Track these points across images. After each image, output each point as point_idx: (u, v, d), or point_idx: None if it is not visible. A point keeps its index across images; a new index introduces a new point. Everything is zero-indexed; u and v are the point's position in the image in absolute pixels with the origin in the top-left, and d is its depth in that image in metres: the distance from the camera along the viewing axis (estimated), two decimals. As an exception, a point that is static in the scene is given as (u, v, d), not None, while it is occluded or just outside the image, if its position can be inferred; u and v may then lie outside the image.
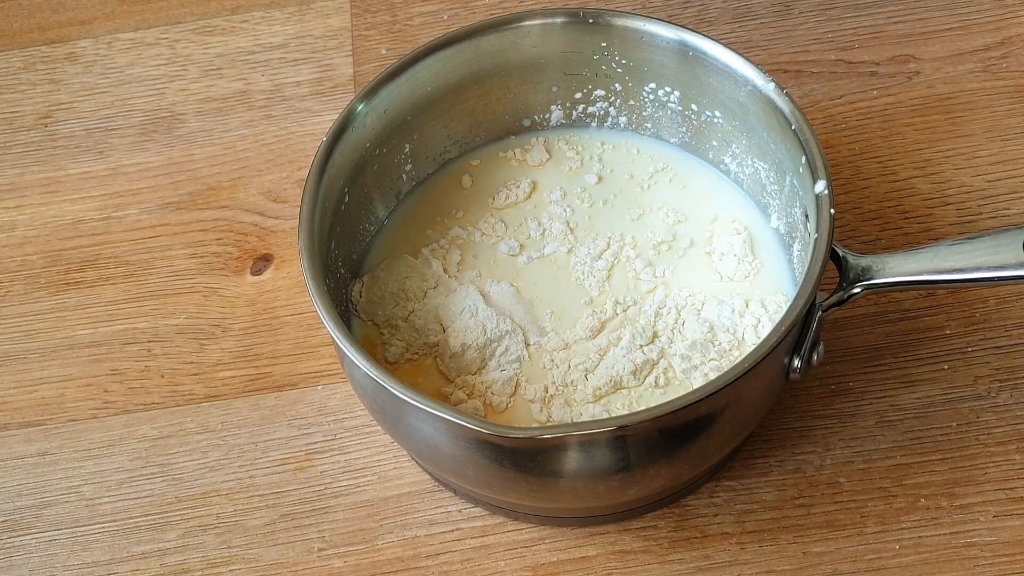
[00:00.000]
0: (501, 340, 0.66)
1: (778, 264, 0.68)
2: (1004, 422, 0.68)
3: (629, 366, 0.64)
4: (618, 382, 0.64)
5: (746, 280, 0.68)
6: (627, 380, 0.64)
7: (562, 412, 0.64)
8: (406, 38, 0.87)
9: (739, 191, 0.71)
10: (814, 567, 0.64)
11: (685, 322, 0.66)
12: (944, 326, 0.71)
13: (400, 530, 0.67)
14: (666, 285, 0.68)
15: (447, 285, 0.69)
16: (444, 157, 0.74)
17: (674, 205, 0.71)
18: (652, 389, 0.65)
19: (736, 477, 0.67)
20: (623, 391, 0.65)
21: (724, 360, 0.65)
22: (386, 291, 0.68)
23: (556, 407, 0.64)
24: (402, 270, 0.69)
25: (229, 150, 0.83)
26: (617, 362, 0.65)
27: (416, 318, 0.67)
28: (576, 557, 0.66)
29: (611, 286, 0.68)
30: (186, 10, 0.91)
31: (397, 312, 0.68)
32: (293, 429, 0.71)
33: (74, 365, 0.75)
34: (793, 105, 0.65)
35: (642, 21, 0.69)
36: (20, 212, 0.82)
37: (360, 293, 0.69)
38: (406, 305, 0.68)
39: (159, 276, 0.78)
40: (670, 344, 0.66)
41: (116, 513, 0.69)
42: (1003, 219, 0.75)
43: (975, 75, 0.81)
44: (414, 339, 0.67)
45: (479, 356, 0.66)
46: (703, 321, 0.66)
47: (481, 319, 0.66)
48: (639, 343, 0.65)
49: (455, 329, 0.66)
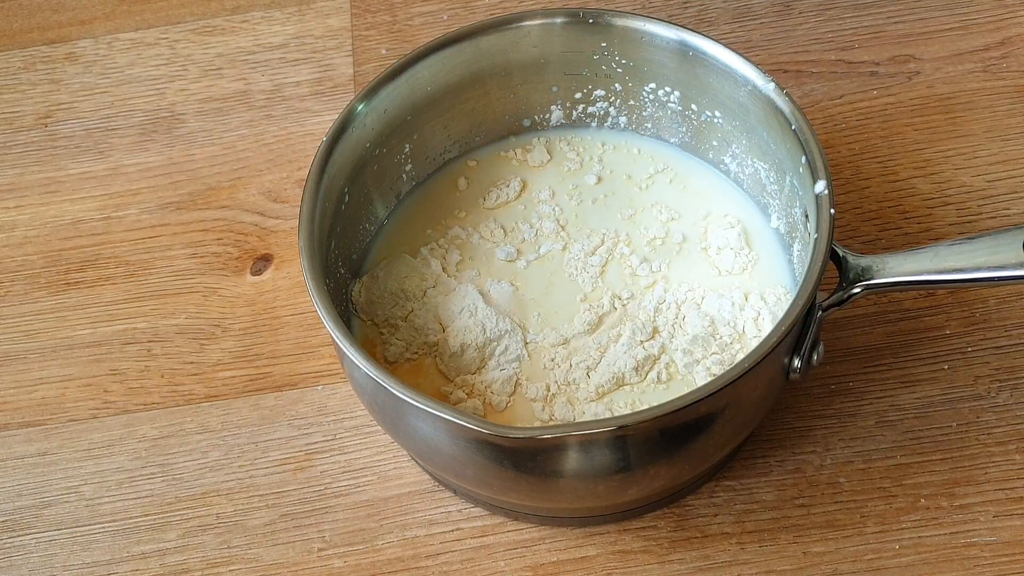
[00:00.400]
0: (501, 339, 0.66)
1: (778, 264, 0.68)
2: (1004, 422, 0.68)
3: (631, 362, 0.65)
4: (620, 379, 0.64)
5: (744, 273, 0.68)
6: (629, 376, 0.64)
7: (565, 411, 0.64)
8: (406, 38, 0.87)
9: (739, 191, 0.71)
10: (814, 567, 0.64)
11: (685, 316, 0.66)
12: (944, 326, 0.71)
13: (400, 530, 0.67)
14: (665, 280, 0.68)
15: (446, 284, 0.69)
16: (444, 157, 0.74)
17: (674, 205, 0.71)
18: (655, 385, 0.65)
19: (736, 477, 0.67)
20: (625, 388, 0.65)
21: (725, 353, 0.65)
22: (385, 291, 0.68)
23: (558, 406, 0.64)
24: (401, 270, 0.69)
25: (229, 150, 0.83)
26: (618, 359, 0.65)
27: (415, 317, 0.67)
28: (576, 557, 0.66)
29: (605, 281, 0.68)
30: (186, 10, 0.91)
31: (396, 312, 0.68)
32: (293, 429, 0.71)
33: (74, 365, 0.75)
34: (793, 105, 0.65)
35: (642, 21, 0.69)
36: (20, 212, 0.82)
37: (360, 293, 0.69)
38: (405, 305, 0.68)
39: (159, 276, 0.78)
40: (671, 339, 0.66)
41: (116, 513, 0.69)
42: (1003, 219, 0.75)
43: (975, 75, 0.81)
44: (413, 338, 0.67)
45: (479, 355, 0.66)
46: (703, 315, 0.66)
47: (480, 318, 0.66)
48: (639, 339, 0.65)
49: (454, 328, 0.66)
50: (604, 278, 0.69)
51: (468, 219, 0.72)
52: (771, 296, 0.67)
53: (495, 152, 0.74)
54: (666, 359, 0.65)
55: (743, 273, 0.68)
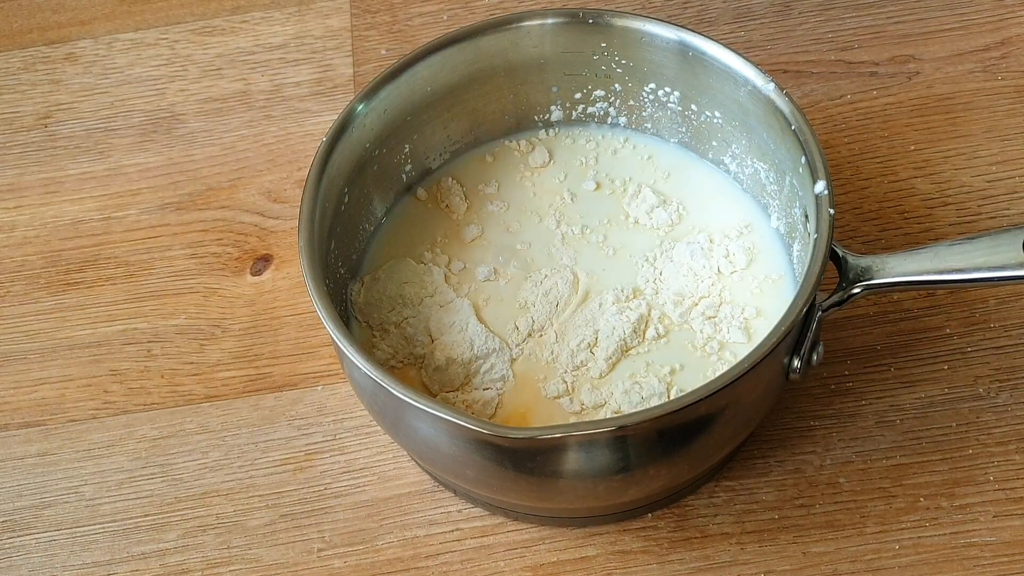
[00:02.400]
0: (487, 357, 0.66)
1: (778, 264, 0.68)
2: (1004, 422, 0.68)
3: (627, 326, 0.65)
4: (623, 345, 0.65)
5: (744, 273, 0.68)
6: (630, 340, 0.65)
7: (592, 395, 0.64)
8: (406, 38, 0.87)
9: (739, 191, 0.71)
10: (814, 567, 0.64)
11: (662, 272, 0.68)
12: (944, 326, 0.71)
13: (400, 530, 0.67)
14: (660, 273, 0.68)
15: (443, 295, 0.68)
16: (444, 157, 0.74)
17: (673, 205, 0.71)
18: (656, 342, 0.66)
19: (736, 477, 0.67)
20: (632, 354, 0.65)
21: (712, 297, 0.66)
22: (384, 294, 0.68)
23: (583, 393, 0.64)
24: (404, 274, 0.69)
25: (229, 150, 0.83)
26: (613, 327, 0.65)
27: (407, 325, 0.67)
28: (576, 557, 0.66)
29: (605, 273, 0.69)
30: (186, 10, 0.91)
31: (391, 316, 0.68)
32: (293, 429, 0.71)
33: (74, 365, 0.75)
34: (793, 105, 0.65)
35: (642, 21, 0.69)
36: (20, 212, 0.82)
37: (359, 293, 0.69)
38: (401, 311, 0.68)
39: (159, 276, 0.78)
40: (656, 295, 0.67)
41: (116, 513, 0.69)
42: (1003, 219, 0.75)
43: (975, 75, 0.81)
44: (401, 347, 0.66)
45: (463, 371, 0.65)
46: (678, 264, 0.67)
47: (469, 335, 0.66)
48: (624, 300, 0.66)
49: (442, 342, 0.66)
50: (605, 271, 0.69)
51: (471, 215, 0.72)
52: (733, 231, 0.68)
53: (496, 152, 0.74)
54: (657, 313, 0.66)
55: (743, 273, 0.68)
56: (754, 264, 0.68)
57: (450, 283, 0.69)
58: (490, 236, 0.71)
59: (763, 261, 0.69)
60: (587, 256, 0.70)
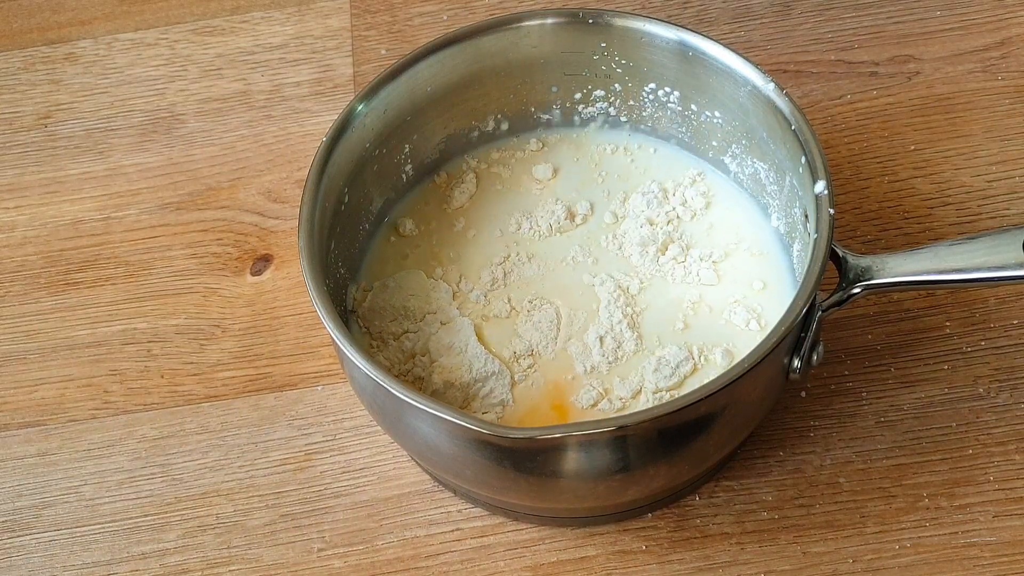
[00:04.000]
0: (486, 381, 0.65)
1: (778, 264, 0.68)
2: (1004, 422, 0.68)
3: (622, 320, 0.66)
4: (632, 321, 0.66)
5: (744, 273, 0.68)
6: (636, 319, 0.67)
7: (623, 387, 0.64)
8: (406, 38, 0.87)
9: (739, 191, 0.71)
10: (814, 567, 0.64)
11: (626, 233, 0.70)
12: (944, 326, 0.71)
13: (400, 530, 0.67)
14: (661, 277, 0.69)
15: (446, 313, 0.68)
16: (444, 158, 0.74)
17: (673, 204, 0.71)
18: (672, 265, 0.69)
19: (736, 477, 0.67)
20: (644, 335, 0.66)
21: (684, 227, 0.70)
22: (389, 304, 0.68)
23: (615, 386, 0.64)
24: (411, 286, 0.68)
25: (229, 150, 0.83)
26: (609, 306, 0.66)
27: (407, 339, 0.67)
28: (576, 557, 0.66)
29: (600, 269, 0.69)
30: (186, 10, 0.91)
31: (392, 327, 0.67)
32: (293, 429, 0.71)
33: (74, 365, 0.75)
34: (793, 105, 0.65)
35: (642, 21, 0.69)
36: (20, 212, 0.82)
37: (365, 299, 0.68)
38: (402, 323, 0.67)
39: (159, 276, 0.78)
40: (626, 256, 0.69)
41: (116, 513, 0.69)
42: (1003, 219, 0.75)
43: (975, 75, 0.81)
44: (398, 360, 0.66)
45: (461, 395, 0.65)
46: (641, 223, 0.70)
47: (469, 357, 0.65)
48: (617, 299, 0.67)
49: (441, 364, 0.65)
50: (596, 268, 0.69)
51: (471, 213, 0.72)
52: (685, 178, 0.71)
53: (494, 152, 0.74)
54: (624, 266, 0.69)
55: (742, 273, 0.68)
56: (754, 264, 0.68)
57: (456, 300, 0.68)
58: (486, 236, 0.71)
59: (763, 261, 0.69)
60: (587, 257, 0.70)
